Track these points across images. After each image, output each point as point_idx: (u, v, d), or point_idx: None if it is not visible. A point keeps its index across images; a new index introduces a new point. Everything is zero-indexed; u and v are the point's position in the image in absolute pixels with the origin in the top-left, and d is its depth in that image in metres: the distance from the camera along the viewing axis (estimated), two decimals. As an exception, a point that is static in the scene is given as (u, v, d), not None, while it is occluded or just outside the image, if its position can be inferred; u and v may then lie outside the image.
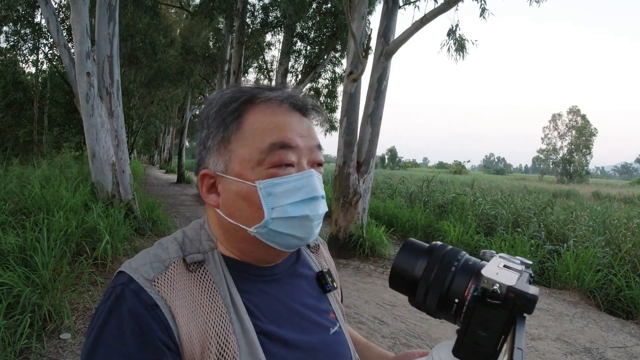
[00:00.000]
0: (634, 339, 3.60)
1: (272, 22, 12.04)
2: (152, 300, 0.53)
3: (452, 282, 0.51)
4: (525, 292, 0.44)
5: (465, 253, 0.55)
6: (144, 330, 0.51)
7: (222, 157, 0.61)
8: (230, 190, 0.61)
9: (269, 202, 0.58)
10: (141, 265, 0.56)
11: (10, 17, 10.91)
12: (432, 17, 5.39)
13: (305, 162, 0.61)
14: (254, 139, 0.59)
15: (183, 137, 18.50)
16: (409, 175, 17.88)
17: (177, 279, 0.56)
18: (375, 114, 5.71)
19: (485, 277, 0.47)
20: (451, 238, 6.15)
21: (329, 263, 0.82)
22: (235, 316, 0.57)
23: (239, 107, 0.61)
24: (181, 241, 0.63)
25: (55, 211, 4.01)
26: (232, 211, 0.61)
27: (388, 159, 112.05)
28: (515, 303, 0.45)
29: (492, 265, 0.50)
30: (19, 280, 2.74)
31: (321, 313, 0.68)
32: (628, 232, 5.58)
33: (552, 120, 61.75)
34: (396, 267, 0.56)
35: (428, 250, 0.55)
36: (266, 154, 0.59)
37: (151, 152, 41.14)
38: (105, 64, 5.53)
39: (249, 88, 0.64)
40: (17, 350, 2.39)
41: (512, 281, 0.46)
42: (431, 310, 0.53)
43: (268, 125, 0.60)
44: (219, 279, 0.59)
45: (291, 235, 0.60)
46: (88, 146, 5.50)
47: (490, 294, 0.46)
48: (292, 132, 0.60)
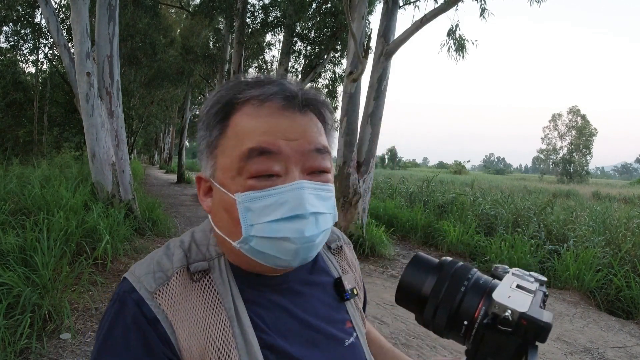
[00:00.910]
0: (634, 339, 3.60)
1: (272, 22, 12.04)
2: (153, 314, 0.51)
3: (462, 301, 0.48)
4: (539, 319, 0.42)
5: (477, 270, 0.52)
6: (149, 341, 0.50)
7: (210, 163, 0.57)
8: (217, 198, 0.57)
9: (247, 219, 0.52)
10: (144, 274, 0.55)
11: (10, 17, 10.90)
12: (432, 17, 5.39)
13: (296, 171, 0.53)
14: (234, 145, 0.53)
15: (183, 137, 18.49)
16: (409, 175, 17.88)
17: (179, 291, 0.54)
18: (375, 114, 5.71)
19: (497, 302, 0.44)
20: (451, 238, 6.15)
21: (353, 266, 0.76)
22: (239, 330, 0.54)
23: (222, 109, 0.55)
24: (187, 246, 0.59)
25: (55, 211, 4.01)
26: (218, 220, 0.57)
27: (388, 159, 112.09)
28: (527, 331, 0.42)
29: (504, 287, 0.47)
30: (19, 280, 2.74)
31: (336, 323, 0.63)
32: (628, 232, 5.58)
33: (552, 120, 61.79)
34: (404, 282, 0.53)
35: (438, 266, 0.52)
36: (245, 162, 0.52)
37: (151, 152, 41.14)
38: (105, 64, 5.53)
39: (235, 84, 0.57)
40: (17, 350, 2.38)
41: (524, 307, 0.43)
42: (439, 329, 0.50)
43: (249, 129, 0.53)
44: (224, 290, 0.56)
45: (275, 257, 0.53)
46: (88, 146, 5.50)
47: (502, 320, 0.43)
48: (275, 135, 0.52)
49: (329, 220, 0.56)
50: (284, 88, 0.55)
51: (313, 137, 0.55)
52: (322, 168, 0.55)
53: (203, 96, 19.76)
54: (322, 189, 0.55)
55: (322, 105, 0.59)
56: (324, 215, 0.54)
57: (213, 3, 10.17)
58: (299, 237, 0.51)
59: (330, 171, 0.58)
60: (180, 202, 10.48)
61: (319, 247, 0.56)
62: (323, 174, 0.56)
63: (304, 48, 12.55)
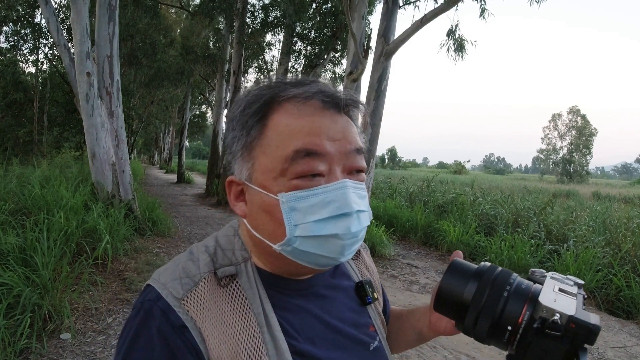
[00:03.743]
0: (634, 339, 3.60)
1: (272, 22, 12.05)
2: (181, 321, 0.50)
3: (505, 307, 0.47)
4: (588, 322, 0.41)
5: (517, 275, 0.51)
6: (174, 351, 0.49)
7: (246, 165, 0.56)
8: (255, 201, 0.55)
9: (292, 219, 0.51)
10: (170, 280, 0.53)
11: (10, 17, 10.91)
12: (432, 17, 5.39)
13: (338, 170, 0.53)
14: (277, 145, 0.53)
15: (183, 137, 18.52)
16: (409, 175, 17.89)
17: (208, 297, 0.53)
18: (375, 114, 5.71)
19: (544, 306, 0.43)
20: (451, 238, 6.15)
21: (371, 270, 0.76)
22: (269, 336, 0.53)
23: (262, 108, 0.54)
24: (212, 251, 0.58)
25: (56, 211, 4.01)
26: (257, 224, 0.56)
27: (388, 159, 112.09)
28: (576, 334, 0.41)
29: (548, 290, 0.46)
30: (19, 280, 2.74)
31: (360, 327, 0.63)
32: (628, 232, 5.58)
33: (552, 120, 61.83)
34: (443, 290, 0.52)
35: (477, 273, 0.52)
36: (289, 163, 0.51)
37: (151, 152, 41.18)
38: (105, 64, 5.54)
39: (275, 84, 0.56)
40: (17, 350, 2.38)
41: (572, 310, 0.42)
42: (481, 336, 0.49)
43: (293, 128, 0.53)
44: (252, 295, 0.55)
45: (320, 255, 0.53)
46: (88, 146, 5.51)
47: (550, 324, 0.43)
48: (320, 136, 0.52)
49: (367, 218, 0.56)
50: (324, 88, 0.55)
51: (353, 138, 0.56)
52: (360, 167, 0.56)
53: (203, 96, 19.77)
54: (361, 187, 0.56)
55: (360, 106, 0.59)
56: (364, 213, 0.55)
57: (213, 3, 10.18)
58: (347, 234, 0.52)
59: (366, 170, 0.59)
60: (180, 202, 10.48)
61: (359, 242, 0.56)
62: (360, 173, 0.57)
63: (304, 48, 12.57)
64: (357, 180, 0.55)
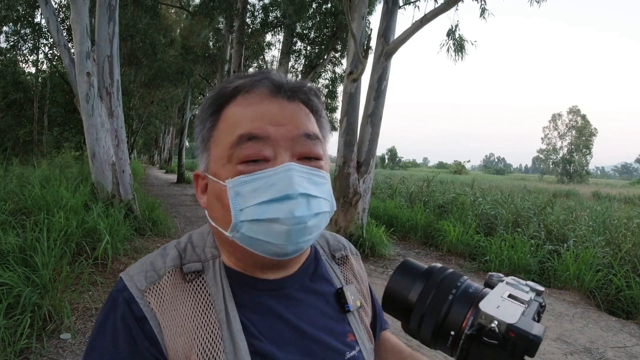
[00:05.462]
0: (634, 339, 3.60)
1: (272, 22, 12.04)
2: (142, 312, 0.52)
3: (449, 311, 0.45)
4: (528, 332, 0.39)
5: (467, 278, 0.49)
6: (136, 339, 0.51)
7: (204, 157, 0.58)
8: (210, 190, 0.57)
9: (237, 203, 0.52)
10: (137, 273, 0.55)
11: (10, 17, 10.91)
12: (432, 17, 5.39)
13: (285, 155, 0.53)
14: (225, 134, 0.54)
15: (183, 137, 18.50)
16: (409, 175, 17.87)
17: (170, 291, 0.54)
18: (375, 114, 5.71)
19: (483, 312, 0.41)
20: (451, 238, 6.16)
21: (359, 277, 0.73)
22: (228, 333, 0.52)
23: (215, 102, 0.57)
24: (183, 247, 0.60)
25: (56, 211, 4.01)
26: (213, 213, 0.57)
27: (388, 159, 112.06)
28: (516, 344, 0.39)
29: (494, 296, 0.44)
30: (19, 280, 2.74)
31: (336, 335, 0.61)
32: (628, 232, 5.58)
33: (552, 120, 61.83)
34: (390, 289, 0.51)
35: (425, 273, 0.50)
36: (234, 149, 0.53)
37: (151, 152, 41.17)
38: (105, 64, 5.54)
39: (226, 79, 0.58)
40: (17, 350, 2.38)
41: (514, 318, 0.40)
42: (425, 340, 0.48)
43: (239, 116, 0.54)
44: (216, 292, 0.55)
45: (266, 242, 0.52)
46: (88, 146, 5.51)
47: (487, 332, 0.40)
48: (262, 120, 0.53)
49: (323, 205, 0.55)
50: (269, 76, 0.56)
51: (302, 123, 0.55)
52: (312, 154, 0.55)
53: (203, 96, 19.76)
54: (313, 173, 0.54)
55: (310, 92, 0.58)
56: (317, 199, 0.53)
57: (213, 3, 10.18)
58: (289, 218, 0.50)
59: (323, 158, 0.57)
60: (180, 202, 10.48)
61: (313, 231, 0.54)
62: (315, 160, 0.56)
63: (304, 48, 12.56)
64: (311, 167, 0.54)
